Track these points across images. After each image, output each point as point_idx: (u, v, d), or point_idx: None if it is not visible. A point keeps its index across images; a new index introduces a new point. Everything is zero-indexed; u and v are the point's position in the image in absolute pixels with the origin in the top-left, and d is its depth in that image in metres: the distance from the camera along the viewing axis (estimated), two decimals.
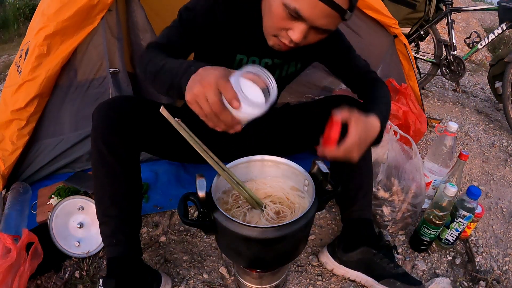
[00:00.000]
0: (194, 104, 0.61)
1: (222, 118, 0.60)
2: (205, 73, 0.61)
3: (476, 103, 2.68)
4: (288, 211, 0.75)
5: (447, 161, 1.24)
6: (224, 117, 0.60)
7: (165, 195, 1.35)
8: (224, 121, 0.61)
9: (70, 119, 1.34)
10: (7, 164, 1.25)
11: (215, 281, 1.05)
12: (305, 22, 0.74)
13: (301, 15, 0.72)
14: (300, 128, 1.10)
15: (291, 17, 0.74)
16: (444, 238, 1.18)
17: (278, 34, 0.80)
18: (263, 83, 0.61)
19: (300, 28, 0.75)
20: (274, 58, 0.98)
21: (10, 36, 5.06)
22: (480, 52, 4.00)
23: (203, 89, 0.59)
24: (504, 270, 1.18)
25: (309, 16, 0.72)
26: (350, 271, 1.05)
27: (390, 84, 1.78)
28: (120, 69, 1.38)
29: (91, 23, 1.25)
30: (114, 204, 0.86)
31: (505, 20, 2.26)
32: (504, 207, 1.49)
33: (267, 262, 0.75)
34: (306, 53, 0.99)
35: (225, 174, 0.71)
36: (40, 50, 1.18)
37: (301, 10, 0.71)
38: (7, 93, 1.24)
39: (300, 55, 1.01)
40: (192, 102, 0.61)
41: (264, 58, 0.97)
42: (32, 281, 1.00)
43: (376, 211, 1.23)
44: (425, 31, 2.49)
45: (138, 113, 0.87)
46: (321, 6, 0.70)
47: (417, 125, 1.65)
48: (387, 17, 1.68)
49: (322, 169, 0.73)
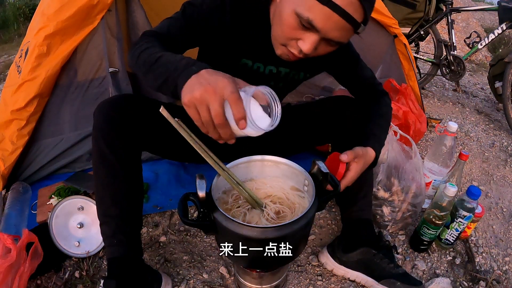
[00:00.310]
0: (191, 108, 0.56)
1: (220, 131, 0.57)
2: (211, 79, 0.56)
3: (476, 103, 2.68)
4: (288, 211, 0.75)
5: (447, 161, 1.24)
6: (223, 131, 0.57)
7: (165, 195, 1.35)
8: (221, 134, 0.58)
9: (70, 119, 1.34)
10: (7, 164, 1.25)
11: (215, 281, 1.05)
12: (318, 33, 0.71)
13: (314, 25, 0.70)
14: (300, 128, 1.10)
15: (302, 27, 0.71)
16: (444, 238, 1.18)
17: (287, 44, 0.77)
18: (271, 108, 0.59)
19: (312, 39, 0.72)
20: (279, 66, 0.96)
21: (10, 36, 5.05)
22: (480, 52, 4.00)
23: (206, 95, 0.54)
24: (504, 270, 1.18)
25: (322, 28, 0.70)
26: (350, 271, 1.05)
27: (390, 84, 1.78)
28: (120, 69, 1.38)
29: (91, 23, 1.25)
30: (115, 204, 0.86)
31: (505, 20, 2.26)
32: (504, 207, 1.49)
33: (267, 262, 0.75)
34: (314, 63, 0.96)
35: (225, 174, 0.70)
36: (40, 50, 1.18)
37: (315, 21, 0.69)
38: (7, 93, 1.24)
39: (307, 65, 0.99)
40: (190, 106, 0.56)
41: (269, 65, 0.95)
42: (32, 281, 1.00)
43: (376, 211, 1.23)
44: (425, 31, 2.49)
45: (139, 112, 0.86)
46: (335, 18, 0.68)
47: (417, 125, 1.65)
48: (387, 17, 1.68)
49: (322, 169, 0.73)
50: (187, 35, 0.84)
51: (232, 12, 0.85)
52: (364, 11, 0.70)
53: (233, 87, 0.54)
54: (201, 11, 0.83)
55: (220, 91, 0.54)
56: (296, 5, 0.70)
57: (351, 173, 0.81)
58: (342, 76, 1.05)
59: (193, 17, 0.83)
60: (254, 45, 0.90)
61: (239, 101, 0.54)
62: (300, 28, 0.72)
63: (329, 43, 0.75)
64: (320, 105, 1.08)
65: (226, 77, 0.56)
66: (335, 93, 1.83)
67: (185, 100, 0.56)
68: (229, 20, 0.85)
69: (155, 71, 0.66)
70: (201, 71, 0.58)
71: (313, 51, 0.75)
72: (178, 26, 0.82)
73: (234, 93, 0.54)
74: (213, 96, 0.54)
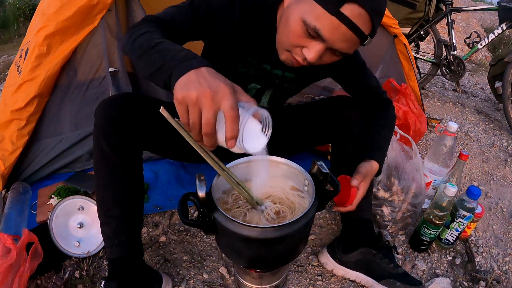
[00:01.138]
0: (182, 106, 0.52)
1: (205, 139, 0.53)
2: (212, 82, 0.52)
3: (476, 103, 2.68)
4: (288, 211, 0.75)
5: (447, 161, 1.24)
6: (207, 139, 0.53)
7: (165, 195, 1.35)
8: (206, 141, 0.54)
9: (70, 118, 1.34)
10: (7, 164, 1.25)
11: (215, 281, 1.05)
12: (324, 43, 0.71)
13: (321, 35, 0.69)
14: (301, 128, 1.10)
15: (308, 35, 0.70)
16: (444, 238, 1.18)
17: (291, 50, 0.76)
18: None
19: (317, 48, 0.72)
20: (285, 71, 0.96)
21: (10, 36, 5.06)
22: (480, 52, 4.00)
23: (203, 100, 0.50)
24: (504, 270, 1.18)
25: (329, 38, 0.69)
26: (350, 272, 1.05)
27: (390, 84, 1.78)
28: (120, 69, 1.38)
29: (91, 23, 1.25)
30: (116, 204, 0.86)
31: (505, 20, 2.26)
32: (504, 207, 1.49)
33: (267, 262, 0.75)
34: (319, 70, 0.96)
35: (225, 174, 0.70)
36: (40, 50, 1.18)
37: (322, 30, 0.68)
38: (7, 93, 1.24)
39: (313, 72, 0.98)
40: (182, 103, 0.52)
41: (276, 69, 0.95)
42: (32, 281, 1.00)
43: (376, 211, 1.23)
44: (425, 31, 2.49)
45: (140, 110, 0.85)
46: (343, 29, 0.67)
47: (417, 125, 1.65)
48: (387, 17, 1.68)
49: (322, 169, 0.73)
50: (191, 27, 0.81)
51: (241, 11, 0.84)
52: (372, 24, 0.69)
53: (233, 101, 0.50)
54: (209, 6, 0.81)
55: (219, 100, 0.50)
56: (304, 12, 0.69)
57: (361, 192, 0.88)
58: (347, 83, 1.04)
59: (201, 10, 0.81)
60: (261, 47, 0.89)
61: (236, 120, 0.50)
62: (306, 36, 0.71)
63: (334, 53, 0.75)
64: (321, 105, 1.08)
65: (227, 84, 0.52)
66: (335, 93, 1.83)
67: (178, 96, 0.52)
68: (237, 19, 0.84)
69: (150, 56, 0.62)
70: (202, 68, 0.54)
71: (317, 60, 0.74)
72: (183, 16, 0.79)
73: (234, 109, 0.50)
74: (209, 102, 0.50)
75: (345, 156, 1.02)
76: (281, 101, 1.12)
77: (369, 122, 0.99)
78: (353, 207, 0.89)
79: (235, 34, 0.86)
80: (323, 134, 1.08)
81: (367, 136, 0.97)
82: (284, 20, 0.75)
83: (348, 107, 1.01)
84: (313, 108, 1.09)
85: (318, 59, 0.74)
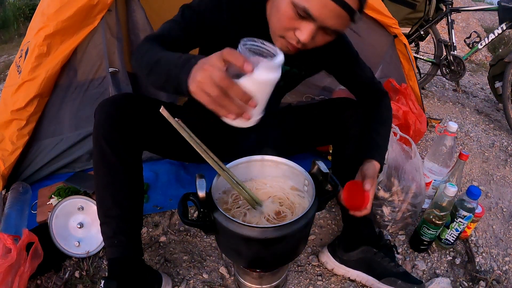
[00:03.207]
0: (200, 93, 0.56)
1: (232, 94, 0.54)
2: (206, 59, 0.57)
3: (476, 103, 2.67)
4: (288, 211, 0.75)
5: (447, 161, 1.24)
6: (235, 92, 0.54)
7: (165, 195, 1.35)
8: (235, 97, 0.55)
9: (70, 119, 1.34)
10: (7, 164, 1.25)
11: (215, 281, 1.05)
12: (314, 22, 0.73)
13: (311, 14, 0.71)
14: (301, 129, 1.10)
15: (299, 16, 0.73)
16: (444, 238, 1.18)
17: (285, 35, 0.78)
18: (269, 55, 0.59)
19: (308, 28, 0.74)
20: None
21: (10, 36, 5.05)
22: (480, 52, 4.00)
23: (206, 73, 0.55)
24: (504, 270, 1.18)
25: (318, 16, 0.71)
26: (351, 271, 1.05)
27: (390, 84, 1.78)
28: (120, 69, 1.38)
29: (91, 23, 1.25)
30: (115, 204, 0.86)
31: (505, 20, 2.26)
32: (504, 207, 1.49)
33: (267, 262, 0.75)
34: (313, 61, 0.98)
35: (225, 174, 0.70)
36: (40, 50, 1.18)
37: (311, 9, 0.70)
38: (7, 93, 1.24)
39: (307, 63, 0.99)
40: (198, 92, 0.56)
41: None
42: (32, 281, 1.00)
43: (376, 211, 1.23)
44: (425, 31, 2.49)
45: (140, 111, 0.86)
46: (331, 5, 0.70)
47: (417, 125, 1.65)
48: (387, 17, 1.68)
49: (322, 169, 0.73)
50: (187, 37, 0.85)
51: (228, 10, 0.86)
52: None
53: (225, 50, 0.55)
54: (199, 12, 0.85)
55: (214, 61, 0.55)
56: None
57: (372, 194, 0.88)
58: (341, 75, 1.05)
59: (192, 19, 0.85)
60: None
61: (235, 52, 0.54)
62: (297, 18, 0.73)
63: (326, 32, 0.76)
64: (321, 106, 1.08)
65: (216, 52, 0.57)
66: (335, 93, 1.83)
67: (192, 89, 0.57)
68: (226, 19, 0.86)
69: (157, 70, 0.68)
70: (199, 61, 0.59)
71: (310, 40, 0.76)
72: (178, 28, 0.84)
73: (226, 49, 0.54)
74: (211, 68, 0.55)
75: (346, 156, 1.02)
76: (277, 99, 1.12)
77: (368, 121, 1.00)
78: (368, 210, 0.90)
79: (226, 34, 0.88)
80: (323, 135, 1.08)
81: (366, 136, 0.98)
82: (275, 8, 0.77)
83: (347, 108, 1.01)
84: (313, 109, 1.10)
85: (311, 40, 0.76)
